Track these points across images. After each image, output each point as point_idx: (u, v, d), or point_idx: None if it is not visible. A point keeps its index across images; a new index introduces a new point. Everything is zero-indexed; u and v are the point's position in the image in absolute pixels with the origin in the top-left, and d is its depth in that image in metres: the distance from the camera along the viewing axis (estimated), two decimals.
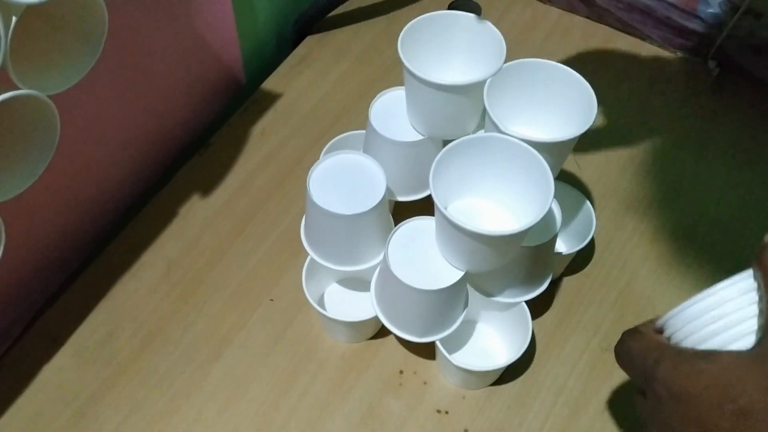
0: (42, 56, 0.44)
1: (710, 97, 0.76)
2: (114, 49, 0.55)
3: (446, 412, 0.55)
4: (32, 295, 0.59)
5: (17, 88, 0.40)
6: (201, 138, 0.72)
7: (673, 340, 0.39)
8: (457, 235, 0.43)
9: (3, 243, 0.44)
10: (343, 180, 0.51)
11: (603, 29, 0.82)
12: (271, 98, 0.75)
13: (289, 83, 0.76)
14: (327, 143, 0.60)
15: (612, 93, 0.76)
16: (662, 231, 0.65)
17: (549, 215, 0.50)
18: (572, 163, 0.69)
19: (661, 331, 0.41)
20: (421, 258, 0.48)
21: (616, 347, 0.44)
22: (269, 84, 0.76)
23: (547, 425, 0.54)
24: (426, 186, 0.57)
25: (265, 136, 0.72)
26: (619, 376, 0.57)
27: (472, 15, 0.51)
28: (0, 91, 0.39)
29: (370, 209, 0.48)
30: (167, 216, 0.65)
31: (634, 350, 0.41)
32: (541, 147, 0.45)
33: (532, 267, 0.51)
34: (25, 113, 0.43)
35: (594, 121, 0.46)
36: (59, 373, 0.56)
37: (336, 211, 0.48)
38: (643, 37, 0.80)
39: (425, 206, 0.50)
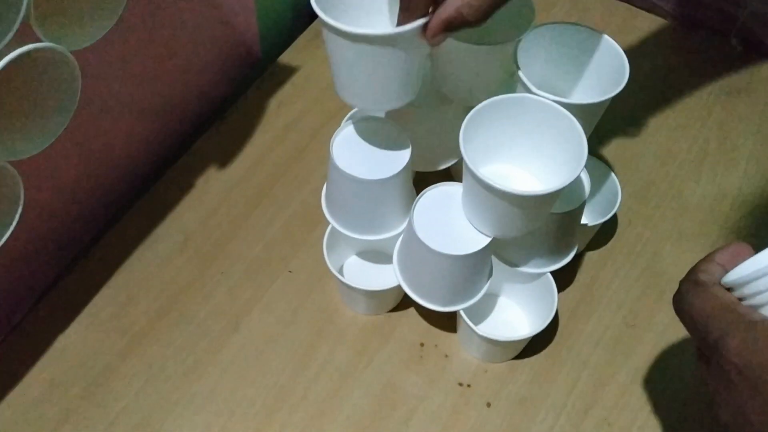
0: (64, 13, 0.43)
1: (733, 74, 0.75)
2: (133, 18, 0.54)
3: (468, 386, 0.54)
4: (48, 264, 0.59)
5: (40, 42, 0.39)
6: (218, 110, 0.71)
7: (747, 302, 0.34)
8: (488, 197, 0.42)
9: (21, 201, 0.43)
10: (367, 146, 0.50)
11: (624, 7, 0.81)
12: (288, 71, 0.74)
13: (306, 56, 0.75)
14: (344, 117, 0.59)
15: (634, 70, 0.74)
16: (685, 207, 0.64)
17: (578, 182, 0.49)
18: (594, 138, 0.68)
19: (729, 288, 0.35)
20: (447, 224, 0.47)
21: (675, 299, 0.38)
22: (286, 57, 0.75)
23: (571, 399, 0.53)
24: (449, 157, 0.56)
25: (282, 109, 0.70)
26: (644, 352, 0.56)
27: None
28: (23, 44, 0.38)
29: (395, 174, 0.47)
30: (184, 187, 0.64)
31: (697, 310, 0.35)
32: (574, 109, 0.43)
33: (559, 236, 0.50)
34: (47, 69, 0.42)
35: (626, 83, 0.45)
36: (75, 343, 0.56)
37: (360, 176, 0.47)
38: (665, 15, 0.79)
39: (444, 174, 0.48)
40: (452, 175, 0.61)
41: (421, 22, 0.38)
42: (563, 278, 0.59)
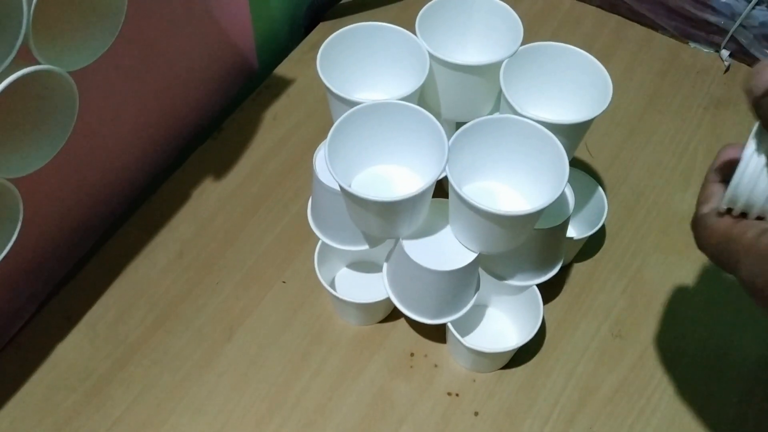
0: (62, 34, 0.44)
1: (723, 87, 0.76)
2: (131, 32, 0.55)
3: (456, 395, 0.55)
4: (47, 274, 0.60)
5: (39, 64, 0.40)
6: (214, 122, 0.72)
7: (751, 214, 0.33)
8: (472, 215, 0.43)
9: (21, 217, 0.45)
10: None
11: (615, 19, 0.82)
12: (284, 84, 0.75)
13: (301, 69, 0.76)
14: None
15: (624, 82, 0.76)
16: (672, 219, 0.65)
17: (562, 198, 0.51)
18: (584, 151, 0.69)
19: (730, 207, 0.34)
20: (435, 239, 0.48)
21: (696, 242, 0.37)
22: (282, 70, 0.76)
23: (557, 408, 0.54)
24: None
25: (278, 121, 0.72)
26: (629, 362, 0.57)
27: None
28: (22, 67, 0.39)
29: None
30: (180, 198, 0.66)
31: (706, 248, 0.35)
32: (557, 129, 0.45)
33: (544, 250, 0.51)
34: (45, 89, 0.43)
35: (609, 104, 0.46)
36: (72, 352, 0.57)
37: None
38: (655, 27, 0.80)
39: (438, 189, 0.50)
40: (444, 188, 0.63)
41: None
42: (551, 289, 0.60)
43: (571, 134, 0.47)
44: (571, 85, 0.50)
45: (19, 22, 0.38)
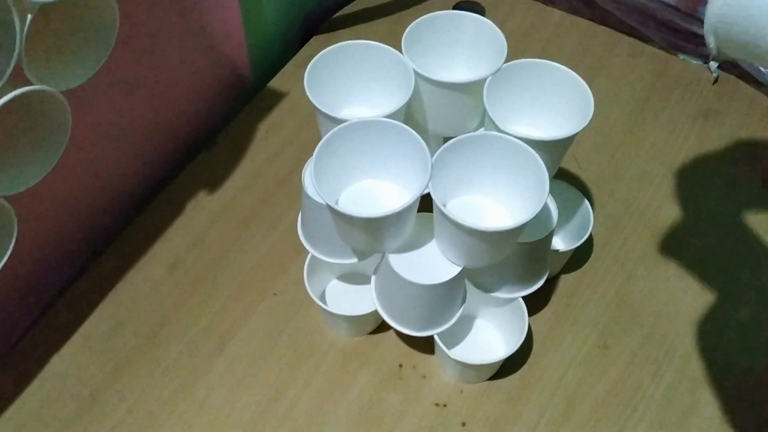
0: (55, 53, 0.46)
1: (711, 97, 0.77)
2: (125, 49, 0.56)
3: (444, 405, 0.56)
4: (42, 288, 0.61)
5: (31, 84, 0.41)
6: (208, 135, 0.73)
7: None
8: (455, 231, 0.44)
9: (15, 235, 0.46)
10: None
11: (605, 31, 0.83)
12: (277, 97, 0.76)
13: (294, 82, 0.77)
14: None
15: (613, 94, 0.77)
16: (660, 230, 0.66)
17: (545, 212, 0.51)
18: (573, 163, 0.70)
19: None
20: (421, 253, 0.49)
21: None
22: (275, 83, 0.77)
23: (544, 418, 0.55)
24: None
25: (271, 134, 0.73)
26: (615, 372, 0.58)
27: (475, 15, 0.52)
28: (15, 87, 0.40)
29: None
30: (174, 211, 0.67)
31: None
32: (538, 145, 0.46)
33: (528, 263, 0.52)
34: (39, 108, 0.44)
35: (590, 121, 0.47)
36: (67, 363, 0.58)
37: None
38: (645, 39, 0.81)
39: (424, 204, 0.51)
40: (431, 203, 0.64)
41: None
42: (539, 300, 0.61)
43: (552, 150, 0.48)
44: (555, 100, 0.51)
45: (11, 43, 0.39)
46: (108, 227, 0.66)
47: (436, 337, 0.53)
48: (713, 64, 0.78)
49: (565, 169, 0.70)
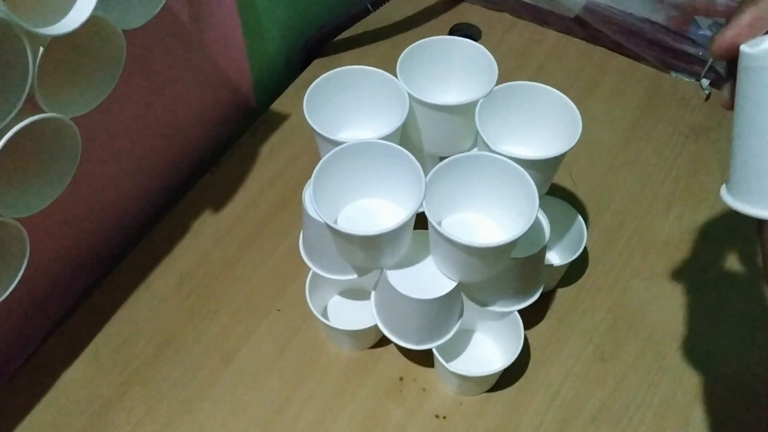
0: (66, 82, 0.48)
1: (703, 114, 0.78)
2: (131, 74, 0.59)
3: (444, 417, 0.57)
4: (53, 305, 0.63)
5: (43, 112, 0.44)
6: (213, 157, 0.75)
7: None
8: (449, 247, 0.46)
9: (27, 255, 0.48)
10: None
11: (599, 50, 0.85)
12: (280, 119, 0.78)
13: (296, 105, 0.79)
14: None
15: (607, 111, 0.79)
16: (654, 244, 0.68)
17: (537, 228, 0.53)
18: (568, 179, 0.72)
19: None
20: (418, 269, 0.51)
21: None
22: (278, 105, 0.80)
23: (542, 430, 0.56)
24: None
25: (274, 155, 0.75)
26: (612, 384, 0.59)
27: (467, 40, 0.54)
28: (28, 115, 0.42)
29: None
30: (180, 231, 0.69)
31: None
32: (529, 164, 0.48)
33: (523, 278, 0.54)
34: (50, 134, 0.46)
35: (579, 140, 0.49)
36: (77, 379, 0.60)
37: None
38: (638, 58, 0.83)
39: (420, 221, 0.53)
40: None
41: None
42: (536, 313, 0.62)
43: (543, 168, 0.49)
44: (545, 120, 0.52)
45: (25, 74, 0.41)
46: (117, 247, 0.68)
47: (434, 351, 0.54)
48: (705, 81, 0.80)
49: (561, 186, 0.71)
